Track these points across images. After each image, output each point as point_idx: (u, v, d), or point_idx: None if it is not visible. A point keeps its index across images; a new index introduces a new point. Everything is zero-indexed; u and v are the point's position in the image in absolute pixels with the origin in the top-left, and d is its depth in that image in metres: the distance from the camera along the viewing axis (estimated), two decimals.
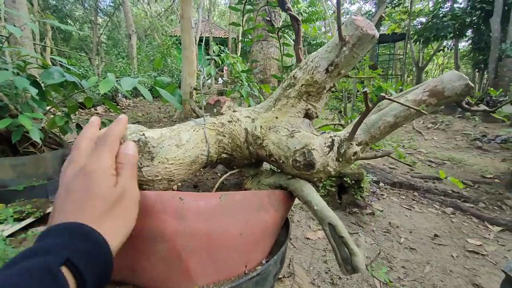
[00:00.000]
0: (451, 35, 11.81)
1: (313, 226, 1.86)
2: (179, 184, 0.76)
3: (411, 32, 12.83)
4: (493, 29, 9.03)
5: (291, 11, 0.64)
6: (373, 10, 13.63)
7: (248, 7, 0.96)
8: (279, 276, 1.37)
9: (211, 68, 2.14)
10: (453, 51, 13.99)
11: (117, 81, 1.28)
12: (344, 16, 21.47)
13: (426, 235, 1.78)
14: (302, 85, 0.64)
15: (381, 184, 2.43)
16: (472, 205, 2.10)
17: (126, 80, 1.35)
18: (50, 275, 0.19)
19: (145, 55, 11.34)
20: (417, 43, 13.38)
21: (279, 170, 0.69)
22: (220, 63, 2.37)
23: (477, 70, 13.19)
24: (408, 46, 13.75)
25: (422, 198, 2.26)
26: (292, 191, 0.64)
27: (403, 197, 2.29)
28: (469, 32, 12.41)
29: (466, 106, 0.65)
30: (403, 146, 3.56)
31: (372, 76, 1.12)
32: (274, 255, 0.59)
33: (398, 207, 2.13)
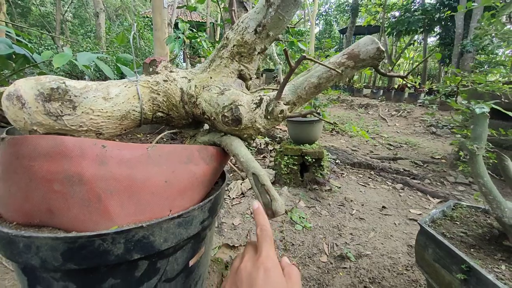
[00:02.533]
0: (421, 29, 12.39)
1: None
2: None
3: (385, 25, 13.27)
4: (457, 25, 9.61)
5: None
6: (350, 0, 13.83)
7: None
8: (235, 245, 1.44)
9: (175, 45, 2.09)
10: (422, 45, 14.70)
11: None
12: (324, 6, 21.56)
13: (376, 207, 1.94)
14: (234, 45, 0.67)
15: (338, 161, 2.58)
16: (419, 182, 2.32)
17: (83, 54, 1.28)
18: None
19: (116, 35, 10.64)
20: (391, 36, 13.93)
21: (214, 130, 0.72)
22: (188, 41, 2.31)
23: (442, 64, 14.04)
24: (382, 38, 14.25)
25: (377, 176, 2.44)
26: (224, 146, 0.68)
27: (361, 175, 2.46)
28: (437, 28, 13.07)
29: (382, 71, 0.72)
30: (368, 131, 3.79)
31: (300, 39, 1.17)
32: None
33: (355, 184, 2.30)
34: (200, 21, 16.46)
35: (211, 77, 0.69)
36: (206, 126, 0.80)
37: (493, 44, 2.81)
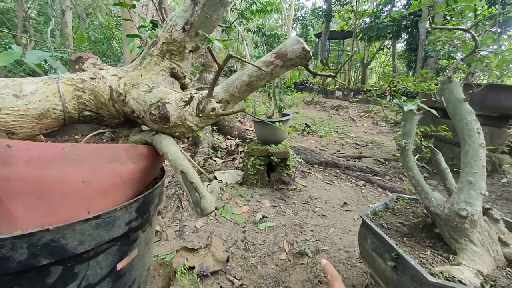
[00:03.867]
0: (390, 35, 13.15)
1: (240, 202, 1.96)
2: None
3: (357, 31, 13.92)
4: (421, 32, 10.31)
5: None
6: (324, 7, 14.34)
7: None
8: (195, 248, 1.41)
9: (134, 45, 2.03)
10: (391, 50, 15.56)
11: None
12: (300, 11, 22.13)
13: (338, 204, 2.01)
14: (163, 43, 0.66)
15: (301, 160, 2.65)
16: (380, 178, 2.44)
17: (33, 52, 1.20)
18: None
19: (87, 34, 10.11)
20: (362, 41, 14.66)
21: (147, 128, 0.71)
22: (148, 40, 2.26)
23: (409, 68, 14.96)
24: (355, 43, 14.94)
25: (342, 174, 2.54)
26: (154, 145, 0.67)
27: (327, 174, 2.54)
28: (404, 35, 13.92)
29: (313, 70, 0.75)
30: (337, 131, 3.94)
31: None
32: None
33: (321, 183, 2.37)
34: None
35: (141, 75, 0.68)
36: (143, 126, 0.79)
37: (445, 49, 3.06)
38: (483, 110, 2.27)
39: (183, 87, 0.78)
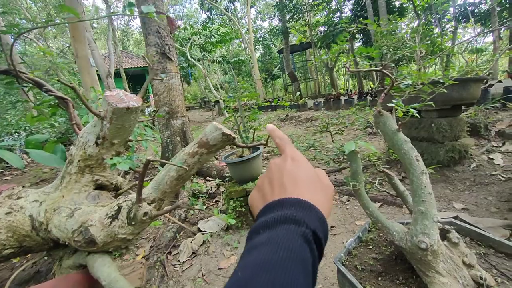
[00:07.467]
0: (346, 39, 14.02)
1: (227, 253, 1.88)
2: None
3: (315, 40, 14.74)
4: (371, 31, 11.08)
5: (54, 92, 0.64)
6: (280, 25, 15.17)
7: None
8: None
9: (87, 117, 2.00)
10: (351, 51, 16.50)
11: None
12: (259, 33, 23.23)
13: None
14: (79, 160, 0.64)
15: None
16: None
17: None
18: (307, 241, 0.26)
19: (49, 99, 9.97)
20: (322, 48, 15.50)
21: (80, 249, 0.67)
22: None
23: (370, 65, 15.80)
24: (315, 52, 15.76)
25: None
26: (89, 268, 0.63)
27: None
28: (359, 35, 14.89)
29: (242, 144, 0.76)
30: (313, 144, 4.01)
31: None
32: None
33: None
34: (141, 66, 16.38)
35: (63, 196, 0.65)
36: None
37: (390, 52, 3.30)
38: (436, 105, 2.39)
39: (117, 188, 0.75)
